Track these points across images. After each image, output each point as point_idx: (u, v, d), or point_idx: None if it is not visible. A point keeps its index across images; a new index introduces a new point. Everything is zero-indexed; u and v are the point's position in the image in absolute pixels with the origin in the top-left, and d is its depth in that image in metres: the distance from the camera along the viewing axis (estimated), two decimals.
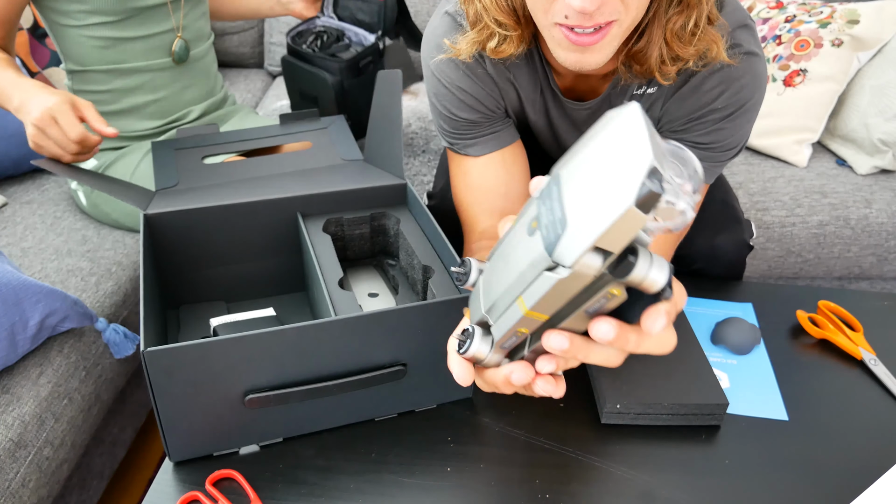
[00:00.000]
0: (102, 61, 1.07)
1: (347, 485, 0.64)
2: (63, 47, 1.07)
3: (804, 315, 0.86)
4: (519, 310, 0.38)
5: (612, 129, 0.33)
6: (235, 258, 0.84)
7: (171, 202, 0.79)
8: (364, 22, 1.33)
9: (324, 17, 1.37)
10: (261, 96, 1.84)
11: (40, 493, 0.86)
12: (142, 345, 0.57)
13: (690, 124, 0.75)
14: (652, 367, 0.73)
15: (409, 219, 0.84)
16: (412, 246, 0.79)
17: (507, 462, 0.67)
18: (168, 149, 0.91)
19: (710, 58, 0.69)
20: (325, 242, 0.79)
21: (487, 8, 0.69)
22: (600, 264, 0.33)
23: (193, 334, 0.79)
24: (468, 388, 0.74)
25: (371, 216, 0.85)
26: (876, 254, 1.39)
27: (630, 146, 0.31)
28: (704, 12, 0.66)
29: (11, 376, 0.89)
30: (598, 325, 0.37)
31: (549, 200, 0.35)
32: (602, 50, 0.64)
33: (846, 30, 1.46)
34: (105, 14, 1.02)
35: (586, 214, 0.32)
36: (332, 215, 0.84)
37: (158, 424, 0.62)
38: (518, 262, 0.38)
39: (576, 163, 0.35)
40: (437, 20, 0.80)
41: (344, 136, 0.99)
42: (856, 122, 1.46)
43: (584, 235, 0.32)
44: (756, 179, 1.44)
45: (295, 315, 0.86)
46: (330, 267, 0.74)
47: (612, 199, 0.31)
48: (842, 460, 0.68)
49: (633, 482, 0.65)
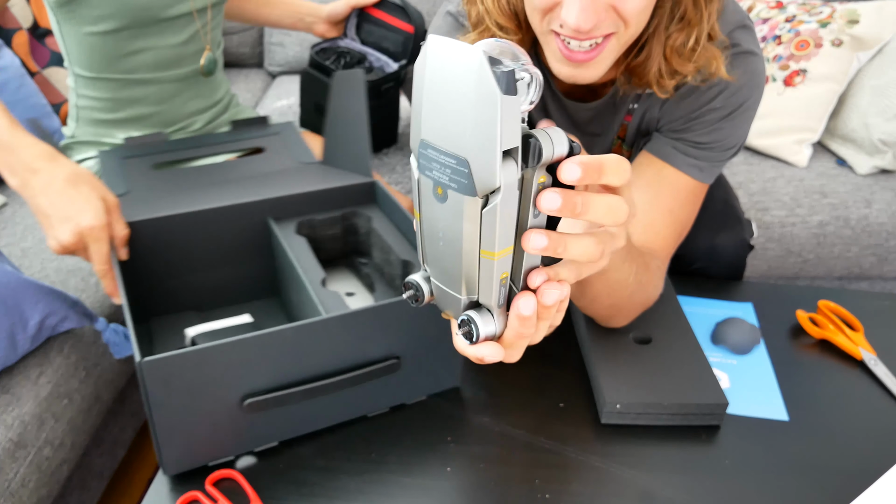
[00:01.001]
0: (113, 70, 1.04)
1: (347, 485, 0.64)
2: (72, 52, 1.04)
3: (804, 315, 0.86)
4: (489, 261, 0.38)
5: (427, 74, 0.34)
6: (205, 266, 0.82)
7: (134, 212, 0.77)
8: (388, 50, 1.35)
9: (346, 39, 1.39)
10: (261, 96, 1.85)
11: (40, 493, 0.86)
12: (136, 356, 0.56)
13: (689, 124, 0.75)
14: (652, 367, 0.73)
15: (380, 216, 0.84)
16: (388, 243, 0.79)
17: (507, 462, 0.67)
18: (116, 158, 0.89)
19: (709, 73, 0.69)
20: (301, 244, 0.78)
21: (489, 11, 0.69)
22: (516, 165, 0.35)
23: (169, 347, 0.77)
24: (456, 377, 0.75)
25: (342, 216, 0.85)
26: (876, 254, 1.39)
27: (455, 62, 0.32)
28: (705, 30, 0.66)
29: (11, 376, 0.89)
30: (543, 197, 0.36)
31: (433, 162, 0.36)
32: (598, 66, 0.65)
33: (846, 30, 1.46)
34: (123, 23, 0.99)
35: (474, 137, 0.33)
36: (304, 217, 0.83)
37: (153, 437, 0.61)
38: (455, 229, 0.38)
39: (428, 121, 0.35)
40: (439, 20, 0.80)
41: (296, 141, 0.98)
42: (856, 122, 1.46)
43: (488, 152, 0.33)
44: (756, 179, 1.44)
45: (271, 320, 0.85)
46: (311, 268, 0.74)
47: (483, 108, 0.32)
48: (842, 460, 0.68)
49: (633, 482, 0.65)
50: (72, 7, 0.97)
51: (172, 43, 1.04)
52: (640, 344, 0.77)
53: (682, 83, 0.71)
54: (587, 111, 0.80)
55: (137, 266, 0.78)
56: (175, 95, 1.10)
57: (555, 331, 0.45)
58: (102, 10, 0.97)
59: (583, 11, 0.58)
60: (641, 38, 0.68)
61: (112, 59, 1.02)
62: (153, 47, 1.03)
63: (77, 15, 0.98)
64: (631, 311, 0.74)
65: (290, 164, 0.92)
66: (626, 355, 0.75)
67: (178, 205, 0.79)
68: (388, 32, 1.36)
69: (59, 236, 0.72)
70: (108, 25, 0.98)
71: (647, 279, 0.69)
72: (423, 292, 0.44)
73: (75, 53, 1.04)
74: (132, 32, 1.00)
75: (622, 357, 0.75)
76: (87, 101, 1.07)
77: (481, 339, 0.42)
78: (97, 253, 0.73)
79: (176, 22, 1.03)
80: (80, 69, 1.05)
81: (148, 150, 0.92)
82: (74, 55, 1.04)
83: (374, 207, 0.85)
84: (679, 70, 0.68)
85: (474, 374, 0.77)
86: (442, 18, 0.80)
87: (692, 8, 0.64)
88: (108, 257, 0.73)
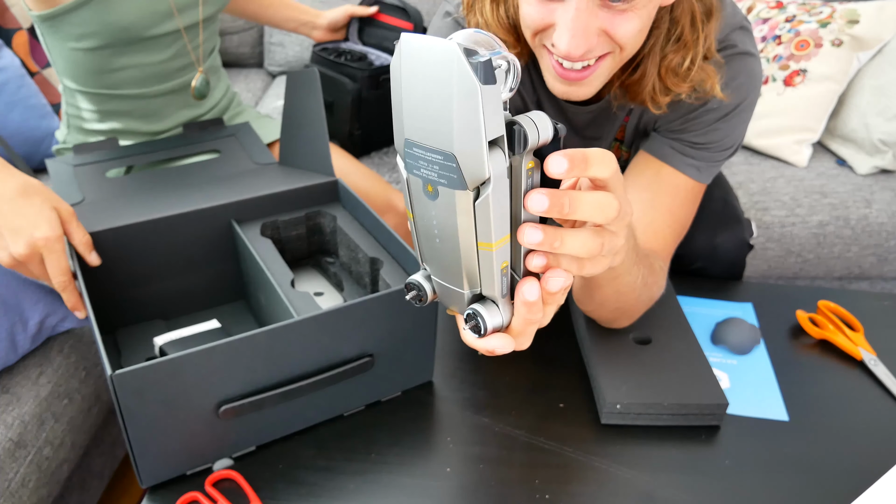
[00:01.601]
0: (98, 84, 1.02)
1: (347, 485, 0.64)
2: (57, 63, 1.03)
3: (804, 315, 0.86)
4: (488, 252, 0.38)
5: (404, 73, 0.34)
6: (169, 273, 0.81)
7: (92, 222, 0.75)
8: (389, 49, 1.38)
9: (349, 42, 1.43)
10: (261, 96, 1.85)
11: (40, 493, 0.86)
12: (107, 369, 0.54)
13: (687, 124, 0.75)
14: (652, 367, 0.73)
15: (344, 215, 0.84)
16: (354, 241, 0.79)
17: (507, 462, 0.67)
18: (65, 165, 0.87)
19: (703, 91, 0.69)
20: (266, 246, 0.78)
21: (489, 23, 0.70)
22: (504, 154, 0.35)
23: (137, 357, 0.76)
24: (429, 371, 0.75)
25: (306, 216, 0.84)
26: (876, 254, 1.39)
27: (431, 58, 0.32)
28: (701, 52, 0.66)
29: (11, 376, 0.89)
30: (530, 198, 0.36)
31: (420, 160, 0.36)
32: (590, 84, 0.65)
33: (846, 30, 1.46)
34: (105, 41, 0.97)
35: (459, 130, 0.33)
36: (268, 219, 0.82)
37: (129, 449, 0.59)
38: (450, 226, 0.38)
39: (410, 120, 0.35)
40: (438, 21, 0.80)
41: (253, 141, 0.97)
42: (856, 122, 1.46)
43: (474, 144, 0.33)
44: (756, 179, 1.44)
45: (238, 325, 0.84)
46: (278, 270, 0.74)
47: (464, 101, 0.32)
48: (842, 460, 0.68)
49: (633, 482, 0.65)
50: (54, 23, 0.95)
51: (157, 60, 1.02)
52: (640, 344, 0.77)
53: (675, 99, 0.72)
54: (585, 114, 0.80)
55: (100, 277, 0.75)
56: (162, 108, 1.08)
57: (555, 331, 0.45)
58: (84, 29, 0.94)
59: (573, 38, 0.58)
60: (637, 58, 0.68)
61: (96, 73, 1.00)
62: (137, 64, 1.00)
63: (60, 31, 0.96)
64: (636, 313, 0.74)
65: (249, 166, 0.91)
66: (626, 355, 0.75)
67: (138, 212, 0.77)
68: (390, 33, 1.39)
69: (12, 249, 0.68)
70: (90, 43, 0.96)
71: (652, 280, 0.69)
72: (426, 291, 0.44)
73: (61, 65, 1.02)
74: (115, 50, 0.98)
75: (622, 357, 0.75)
76: (75, 109, 1.06)
77: (489, 332, 0.42)
78: (54, 265, 0.69)
79: (161, 40, 1.00)
80: (66, 80, 1.04)
81: (99, 157, 0.90)
82: (60, 67, 1.02)
83: (338, 206, 0.85)
84: (673, 89, 0.68)
85: (474, 374, 0.77)
86: (441, 19, 0.80)
87: (689, 29, 0.64)
88: (66, 269, 0.70)
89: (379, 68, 1.35)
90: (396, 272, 0.73)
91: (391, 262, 0.75)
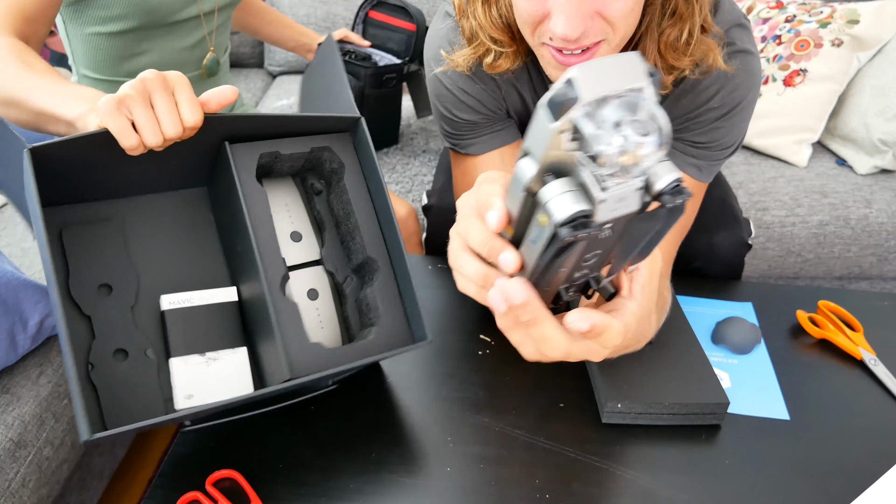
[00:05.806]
0: (116, 72, 1.04)
1: (347, 485, 0.64)
2: (77, 52, 1.04)
3: (804, 315, 0.86)
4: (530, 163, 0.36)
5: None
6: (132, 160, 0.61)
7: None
8: (392, 49, 1.42)
9: (352, 44, 1.46)
10: (261, 96, 1.85)
11: (40, 493, 0.86)
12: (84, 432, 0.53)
13: (687, 124, 0.75)
14: (652, 367, 0.73)
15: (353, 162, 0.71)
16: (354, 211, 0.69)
17: (507, 462, 0.67)
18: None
19: (706, 65, 0.69)
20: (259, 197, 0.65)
21: (483, 25, 0.70)
22: (531, 171, 0.35)
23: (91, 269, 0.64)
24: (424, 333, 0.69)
25: (311, 150, 0.69)
26: (876, 254, 1.39)
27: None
28: (698, 23, 0.66)
29: (11, 376, 0.89)
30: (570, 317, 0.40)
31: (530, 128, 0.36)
32: None
33: (846, 30, 1.46)
34: (133, 24, 0.98)
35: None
36: (266, 150, 0.67)
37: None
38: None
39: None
40: (439, 21, 0.80)
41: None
42: (856, 122, 1.46)
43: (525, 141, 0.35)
44: (756, 179, 1.44)
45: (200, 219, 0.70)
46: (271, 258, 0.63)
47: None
48: (842, 460, 0.68)
49: (633, 482, 0.65)
50: (80, 7, 0.97)
51: (178, 47, 1.04)
52: None
53: (680, 77, 0.71)
54: None
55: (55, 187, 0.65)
56: None
57: None
58: (113, 11, 0.96)
59: (569, 20, 0.58)
60: (635, 37, 0.68)
61: (116, 60, 1.02)
62: (159, 50, 1.03)
63: (85, 15, 0.98)
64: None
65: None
66: (626, 355, 0.75)
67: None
68: (392, 33, 1.41)
69: (112, 95, 0.57)
70: (117, 26, 0.98)
71: (661, 303, 0.68)
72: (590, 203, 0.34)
73: (80, 53, 1.04)
74: (140, 34, 1.00)
75: (622, 357, 0.74)
76: None
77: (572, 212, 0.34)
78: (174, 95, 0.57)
79: (184, 25, 1.03)
80: (84, 69, 1.05)
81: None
82: (80, 55, 1.04)
83: (348, 149, 0.71)
84: (675, 65, 0.68)
85: (474, 374, 0.77)
86: (441, 20, 0.80)
87: (683, 2, 0.64)
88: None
89: (382, 67, 1.36)
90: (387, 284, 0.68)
91: (386, 268, 0.69)
